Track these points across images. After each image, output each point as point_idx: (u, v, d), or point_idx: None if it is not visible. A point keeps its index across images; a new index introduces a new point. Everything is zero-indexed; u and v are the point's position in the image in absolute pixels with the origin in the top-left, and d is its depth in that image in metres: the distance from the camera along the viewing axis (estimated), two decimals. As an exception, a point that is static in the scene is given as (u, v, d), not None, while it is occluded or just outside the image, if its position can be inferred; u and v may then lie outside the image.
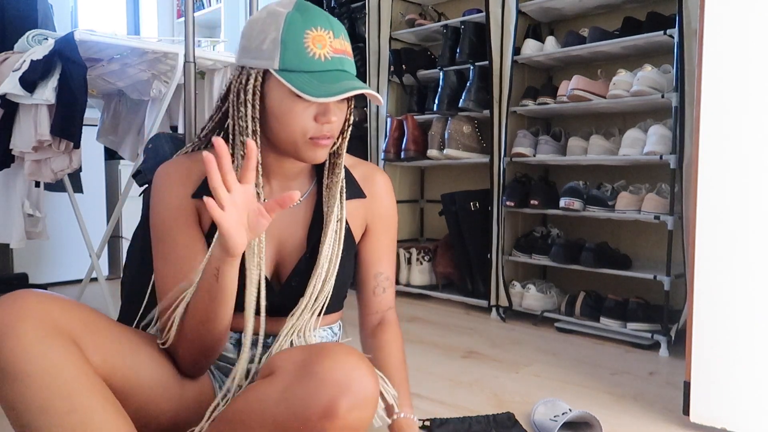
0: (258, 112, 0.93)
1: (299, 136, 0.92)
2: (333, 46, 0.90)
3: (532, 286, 2.41)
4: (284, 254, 1.02)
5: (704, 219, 1.38)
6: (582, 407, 1.49)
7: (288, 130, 0.92)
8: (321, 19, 0.91)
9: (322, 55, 0.89)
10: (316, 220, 1.03)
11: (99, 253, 2.23)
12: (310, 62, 0.89)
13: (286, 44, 0.89)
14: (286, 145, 0.94)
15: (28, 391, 0.75)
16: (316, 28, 0.90)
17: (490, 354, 2.01)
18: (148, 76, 2.18)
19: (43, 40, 1.82)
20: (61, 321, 0.81)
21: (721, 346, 1.36)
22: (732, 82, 1.34)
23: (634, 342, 2.11)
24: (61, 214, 2.92)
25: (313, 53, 0.89)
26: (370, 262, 1.11)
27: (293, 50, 0.88)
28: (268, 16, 0.91)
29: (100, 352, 0.84)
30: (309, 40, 0.89)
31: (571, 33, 2.37)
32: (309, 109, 0.91)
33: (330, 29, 0.91)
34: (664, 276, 2.05)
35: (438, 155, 2.69)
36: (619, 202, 2.17)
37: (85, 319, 0.85)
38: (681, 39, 2.02)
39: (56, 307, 0.82)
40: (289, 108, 0.90)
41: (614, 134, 2.33)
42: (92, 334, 0.84)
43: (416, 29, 2.91)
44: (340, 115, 0.94)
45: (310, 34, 0.89)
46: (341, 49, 0.92)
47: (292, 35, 0.89)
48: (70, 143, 1.80)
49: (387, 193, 1.11)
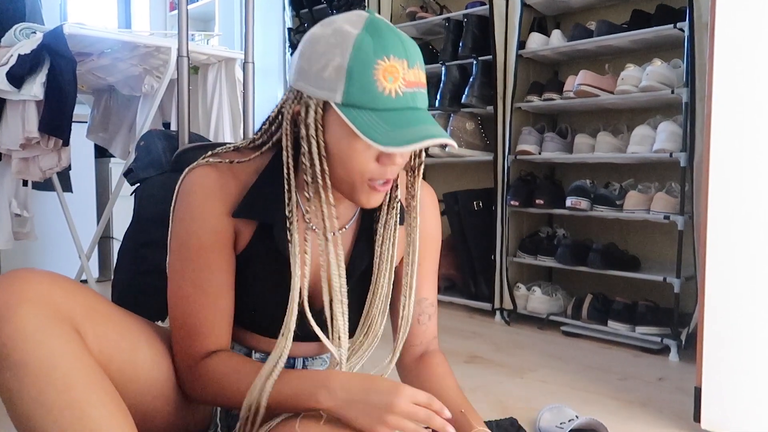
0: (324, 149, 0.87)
1: (357, 177, 0.86)
2: (406, 79, 0.82)
3: (538, 288, 2.41)
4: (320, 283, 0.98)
5: (716, 219, 1.38)
6: (589, 414, 1.49)
7: (346, 170, 0.86)
8: (395, 46, 0.82)
9: (393, 91, 0.81)
10: (359, 249, 1.00)
11: (89, 254, 2.23)
12: (379, 99, 0.81)
13: (352, 75, 0.80)
14: (340, 185, 0.89)
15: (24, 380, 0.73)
16: (389, 57, 0.81)
17: (494, 359, 2.01)
18: (140, 71, 2.18)
19: (31, 34, 1.82)
20: (63, 305, 0.79)
21: (734, 351, 1.36)
22: (744, 77, 1.34)
23: (643, 346, 2.11)
24: (50, 214, 2.92)
25: (383, 88, 0.81)
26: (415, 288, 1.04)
27: (360, 83, 0.80)
28: (334, 36, 0.83)
29: (99, 342, 0.82)
30: (380, 72, 0.80)
31: (578, 26, 2.37)
32: (371, 150, 0.84)
33: (405, 58, 0.82)
34: (674, 278, 2.05)
35: (440, 153, 2.69)
36: (628, 201, 2.17)
37: (88, 304, 0.83)
38: (692, 32, 2.02)
39: (58, 288, 0.80)
40: (349, 147, 0.84)
41: (622, 131, 2.33)
42: (93, 322, 0.82)
43: (417, 22, 2.91)
44: (407, 155, 0.88)
45: (381, 64, 0.80)
46: (415, 82, 0.83)
47: (361, 65, 0.80)
48: (59, 141, 1.80)
49: (432, 211, 1.06)
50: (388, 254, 0.97)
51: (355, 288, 0.99)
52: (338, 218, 0.98)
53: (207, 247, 0.91)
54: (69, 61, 1.73)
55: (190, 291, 0.91)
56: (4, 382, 0.74)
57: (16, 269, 0.80)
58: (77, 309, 0.80)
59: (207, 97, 2.22)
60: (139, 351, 0.88)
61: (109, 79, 2.27)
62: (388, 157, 0.84)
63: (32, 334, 0.74)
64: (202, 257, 0.91)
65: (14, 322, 0.74)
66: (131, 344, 0.87)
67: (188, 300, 0.92)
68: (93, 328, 0.82)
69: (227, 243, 0.93)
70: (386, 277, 0.98)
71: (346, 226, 0.99)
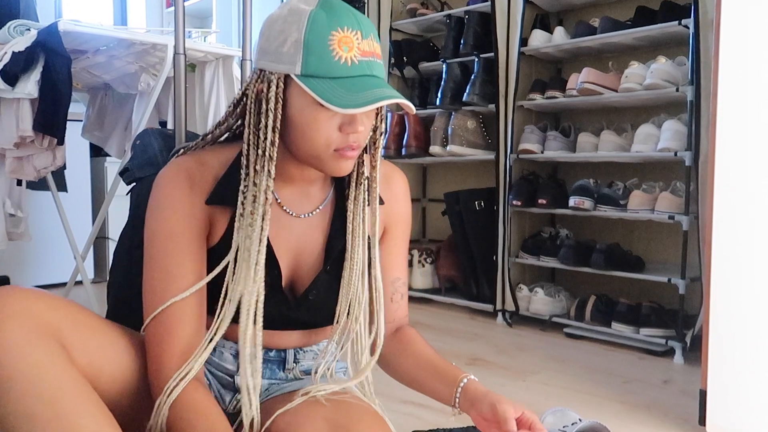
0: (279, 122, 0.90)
1: (323, 148, 0.89)
2: (361, 49, 0.86)
3: (540, 289, 2.41)
4: (301, 265, 1.01)
5: (721, 219, 1.38)
6: (592, 417, 1.49)
7: (311, 142, 0.89)
8: (348, 18, 0.87)
9: (348, 59, 0.85)
10: (335, 229, 1.01)
11: (84, 254, 2.23)
12: (336, 67, 0.85)
13: (309, 46, 0.85)
14: (308, 157, 0.91)
15: (10, 395, 0.74)
16: (343, 28, 0.86)
17: (495, 361, 2.01)
18: (136, 69, 2.18)
19: (26, 31, 1.82)
20: (47, 320, 0.80)
21: (739, 353, 1.36)
22: (750, 75, 1.34)
23: (648, 348, 2.11)
24: (45, 214, 2.92)
25: (339, 57, 0.85)
26: (387, 268, 1.08)
27: (317, 54, 0.85)
28: (290, 14, 0.87)
29: (86, 354, 0.83)
30: (335, 43, 0.85)
31: (581, 23, 2.37)
32: (334, 119, 0.87)
33: (358, 29, 0.87)
34: (679, 279, 2.05)
35: (441, 152, 2.69)
36: (632, 201, 2.17)
37: (73, 318, 0.84)
38: (697, 29, 2.02)
39: (42, 304, 0.81)
40: (312, 117, 0.87)
41: (626, 130, 2.33)
42: (79, 335, 0.83)
43: (418, 19, 2.91)
44: (368, 123, 0.91)
45: (336, 35, 0.85)
46: (370, 52, 0.88)
47: (316, 37, 0.85)
48: (53, 139, 1.80)
49: (405, 195, 1.10)
50: (359, 230, 0.99)
51: (334, 269, 1.00)
52: (311, 199, 1.01)
53: (177, 233, 0.92)
54: (64, 59, 1.73)
55: (160, 277, 0.91)
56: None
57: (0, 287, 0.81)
58: (62, 323, 0.82)
59: (204, 95, 2.22)
60: (127, 361, 0.89)
61: (105, 76, 2.26)
62: (350, 125, 0.87)
63: (18, 349, 0.75)
64: (173, 242, 0.92)
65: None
66: (119, 354, 0.88)
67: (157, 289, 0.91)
68: (80, 341, 0.83)
69: (199, 231, 0.94)
70: (359, 254, 0.99)
71: (320, 207, 1.01)
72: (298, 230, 1.00)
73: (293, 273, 1.00)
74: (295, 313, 0.99)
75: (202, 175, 0.95)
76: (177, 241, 0.92)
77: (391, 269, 1.09)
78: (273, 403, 0.97)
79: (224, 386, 1.04)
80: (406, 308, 1.13)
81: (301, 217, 1.00)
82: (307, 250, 1.00)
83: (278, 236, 0.97)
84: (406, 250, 1.13)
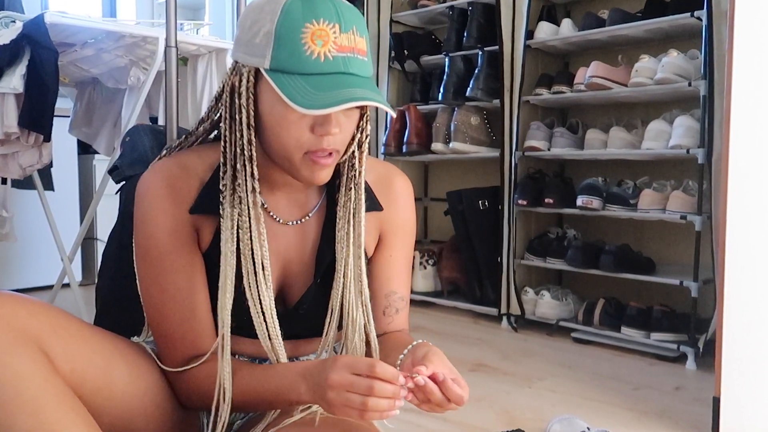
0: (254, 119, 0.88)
1: (294, 150, 0.86)
2: (337, 43, 0.82)
3: (547, 292, 2.42)
4: (291, 276, 0.99)
5: (735, 219, 1.38)
6: (601, 425, 1.49)
7: (281, 142, 0.86)
8: (326, 9, 0.83)
9: (322, 54, 0.82)
10: (325, 239, 0.99)
11: (72, 256, 2.23)
12: (307, 63, 0.82)
13: (280, 39, 0.82)
14: (281, 159, 0.89)
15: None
16: (318, 20, 0.82)
17: (500, 367, 2.01)
18: (126, 63, 2.18)
19: (10, 23, 1.82)
20: (28, 326, 0.80)
21: (754, 359, 1.36)
22: (766, 69, 1.34)
23: (659, 354, 2.11)
24: (30, 213, 2.92)
25: (311, 52, 0.82)
26: (383, 280, 1.04)
27: (288, 47, 0.82)
28: (267, 3, 0.85)
29: (69, 362, 0.83)
30: (308, 36, 0.82)
31: (590, 15, 2.37)
32: (305, 119, 0.84)
33: (336, 22, 0.83)
34: (692, 281, 2.05)
35: (443, 149, 2.69)
36: (642, 200, 2.17)
37: (55, 324, 0.84)
38: (710, 21, 2.02)
39: (22, 310, 0.81)
40: (281, 116, 0.85)
41: (636, 126, 2.33)
42: (62, 341, 0.83)
43: (419, 11, 2.91)
44: (347, 125, 0.88)
45: (309, 28, 0.82)
46: (349, 47, 0.84)
47: (288, 29, 0.82)
48: (40, 136, 1.80)
49: (406, 201, 1.05)
50: (347, 239, 0.96)
51: (325, 280, 0.98)
52: (301, 206, 0.98)
53: (167, 251, 0.92)
54: (50, 52, 1.73)
55: (158, 297, 0.93)
56: None
57: None
58: (44, 329, 0.81)
59: (197, 89, 2.22)
60: (113, 367, 0.89)
61: (93, 71, 2.27)
62: (322, 126, 0.84)
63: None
64: (164, 261, 0.93)
65: None
66: (104, 361, 0.88)
67: (158, 306, 0.94)
68: (62, 347, 0.83)
69: (187, 242, 0.93)
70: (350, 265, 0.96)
71: (309, 215, 0.99)
72: (287, 239, 0.98)
73: (282, 283, 0.99)
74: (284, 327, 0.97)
75: (185, 181, 0.93)
76: (168, 259, 0.92)
77: (386, 282, 1.04)
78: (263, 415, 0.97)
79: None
80: (401, 323, 1.06)
81: (289, 224, 0.98)
82: (295, 259, 0.98)
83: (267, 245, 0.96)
84: (407, 262, 1.08)
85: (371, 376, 0.77)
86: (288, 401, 0.87)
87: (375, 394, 0.76)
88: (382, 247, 1.04)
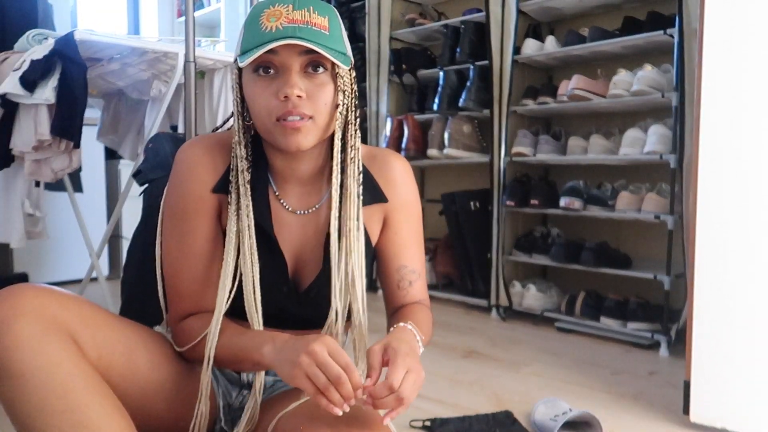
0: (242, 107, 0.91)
1: (267, 119, 0.86)
2: (289, 17, 0.83)
3: (533, 285, 2.42)
4: (303, 262, 0.98)
5: (704, 218, 1.38)
6: (582, 407, 1.49)
7: (259, 117, 0.87)
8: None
9: (273, 27, 0.83)
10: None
11: (99, 252, 2.23)
12: (261, 36, 0.83)
13: (246, 29, 0.87)
14: (265, 135, 0.90)
15: (24, 389, 0.74)
16: (275, 5, 0.85)
17: (490, 354, 2.01)
18: (148, 76, 2.18)
19: (43, 40, 1.82)
20: (59, 316, 0.80)
21: (722, 346, 1.36)
22: (732, 82, 1.34)
23: (635, 342, 2.11)
24: (61, 213, 2.91)
25: (264, 28, 0.83)
26: (391, 256, 1.03)
27: (250, 32, 0.85)
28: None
29: (96, 349, 0.83)
30: (264, 18, 0.84)
31: (571, 32, 2.37)
32: (270, 87, 0.85)
33: (290, 3, 0.85)
34: (665, 276, 2.05)
35: (438, 155, 2.69)
36: (620, 201, 2.17)
37: (83, 314, 0.84)
38: (681, 38, 2.02)
39: (54, 301, 0.81)
40: (252, 91, 0.87)
41: (614, 134, 2.33)
42: (90, 330, 0.83)
43: (416, 29, 2.91)
44: (314, 90, 0.86)
45: (266, 12, 0.85)
46: (301, 20, 0.83)
47: (251, 19, 0.86)
48: (70, 143, 1.80)
49: (405, 180, 1.03)
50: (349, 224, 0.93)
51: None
52: (311, 196, 0.98)
53: (191, 213, 0.94)
54: (80, 67, 1.73)
55: (176, 253, 0.95)
56: (6, 392, 0.75)
57: (12, 285, 0.81)
58: (73, 319, 0.82)
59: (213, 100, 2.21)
60: (136, 355, 0.89)
61: (119, 83, 2.26)
62: (281, 90, 0.84)
63: (30, 345, 0.75)
64: (187, 222, 0.94)
65: (12, 334, 0.75)
66: (128, 349, 0.88)
67: (173, 262, 0.95)
68: (90, 336, 0.83)
69: (210, 212, 0.95)
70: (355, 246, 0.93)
71: (317, 205, 0.98)
72: (298, 227, 0.98)
73: (296, 269, 0.99)
74: (296, 309, 0.98)
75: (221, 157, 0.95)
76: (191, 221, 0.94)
77: (395, 257, 1.03)
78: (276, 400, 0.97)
79: (231, 382, 1.03)
80: (416, 294, 1.04)
81: (298, 213, 0.97)
82: (307, 247, 0.98)
83: (280, 233, 0.96)
84: (415, 236, 1.05)
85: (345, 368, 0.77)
86: (251, 360, 0.87)
87: (338, 386, 0.76)
88: (387, 227, 1.03)
